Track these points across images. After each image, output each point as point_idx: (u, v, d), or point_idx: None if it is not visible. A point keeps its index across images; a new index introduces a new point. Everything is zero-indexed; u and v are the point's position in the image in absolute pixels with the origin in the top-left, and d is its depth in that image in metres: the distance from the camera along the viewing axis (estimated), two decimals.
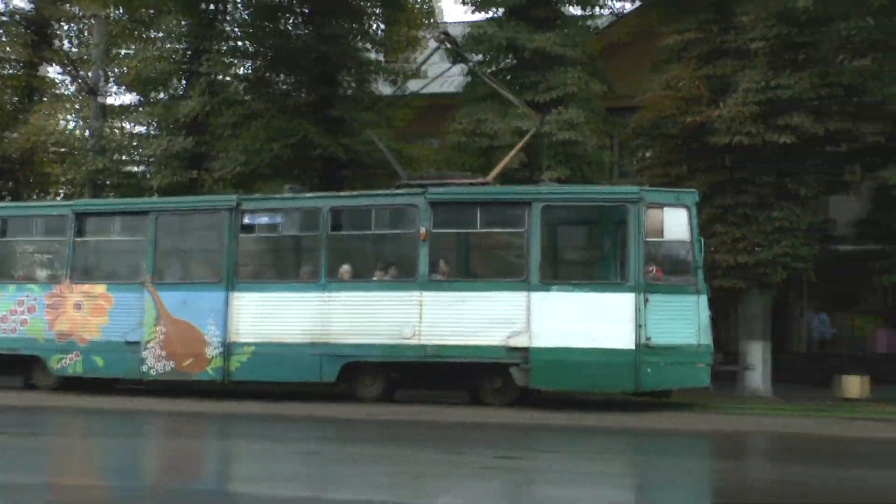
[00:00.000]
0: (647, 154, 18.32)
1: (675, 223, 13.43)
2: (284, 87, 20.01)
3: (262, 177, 18.52)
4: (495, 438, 11.09)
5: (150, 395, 15.16)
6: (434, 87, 19.30)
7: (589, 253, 15.83)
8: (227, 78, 20.36)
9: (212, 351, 14.62)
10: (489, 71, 17.56)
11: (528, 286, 13.39)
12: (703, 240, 13.61)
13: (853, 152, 16.48)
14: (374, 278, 14.55)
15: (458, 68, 18.25)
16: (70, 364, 15.30)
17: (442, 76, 18.28)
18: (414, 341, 13.72)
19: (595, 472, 8.70)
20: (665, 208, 13.46)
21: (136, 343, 14.91)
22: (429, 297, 13.78)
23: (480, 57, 17.83)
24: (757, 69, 15.85)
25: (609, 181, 18.83)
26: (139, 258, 15.42)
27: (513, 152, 15.42)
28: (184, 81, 20.24)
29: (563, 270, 15.20)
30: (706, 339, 13.20)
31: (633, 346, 13.01)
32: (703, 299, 13.29)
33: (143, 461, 9.69)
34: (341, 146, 18.06)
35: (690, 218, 13.39)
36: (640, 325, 13.00)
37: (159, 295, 15.03)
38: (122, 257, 16.55)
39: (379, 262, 14.95)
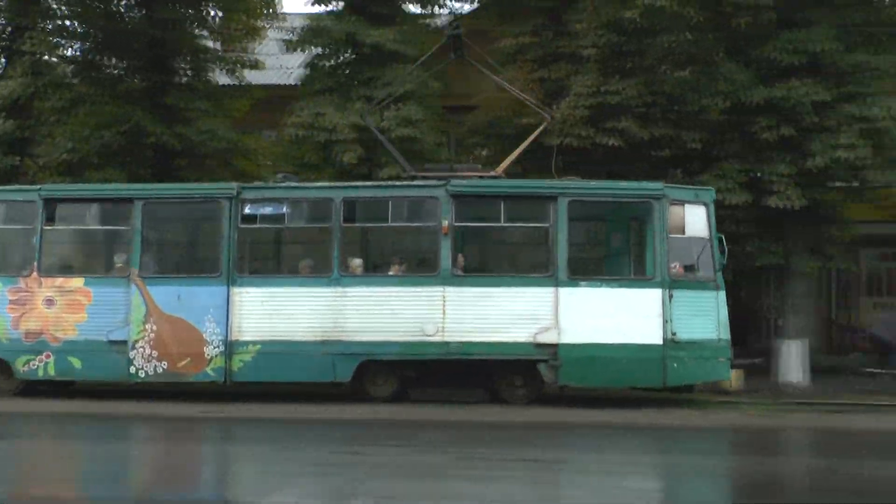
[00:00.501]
0: (484, 153, 18.72)
1: (695, 220, 13.68)
2: (115, 71, 19.24)
3: (92, 165, 17.72)
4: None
5: (135, 398, 13.94)
6: (272, 79, 19.05)
7: (614, 248, 15.46)
8: (54, 59, 19.34)
9: (212, 350, 13.64)
10: (327, 65, 17.52)
11: (555, 281, 13.30)
12: (722, 236, 13.75)
13: (675, 157, 17.39)
14: (390, 272, 14.01)
15: (297, 59, 18.08)
16: (40, 366, 13.82)
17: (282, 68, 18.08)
18: (437, 338, 13.33)
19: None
20: (686, 205, 13.70)
21: (122, 342, 13.71)
22: (452, 292, 13.39)
23: (320, 50, 17.73)
24: (588, 75, 16.49)
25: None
26: (122, 250, 14.25)
27: (520, 148, 15.40)
28: (3, 60, 19.11)
29: (588, 266, 14.98)
30: (725, 333, 13.45)
31: (661, 342, 13.13)
32: (722, 295, 13.55)
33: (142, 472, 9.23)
34: (176, 135, 17.55)
35: (709, 215, 13.68)
36: (666, 321, 13.15)
37: (149, 290, 13.80)
38: (102, 249, 15.32)
39: (396, 255, 14.41)
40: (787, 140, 15.77)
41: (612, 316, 13.19)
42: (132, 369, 13.66)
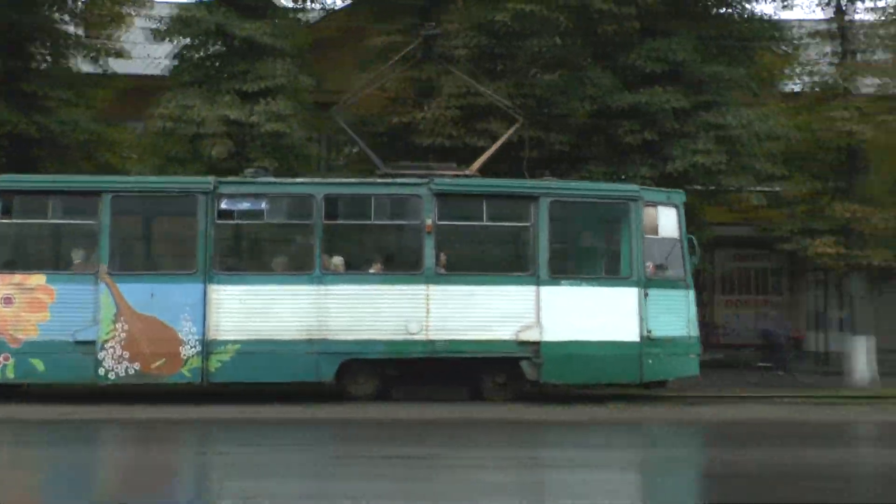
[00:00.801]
0: (355, 150, 18.67)
1: (667, 221, 14.16)
2: None
3: None
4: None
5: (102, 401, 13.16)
6: (139, 69, 18.43)
7: (590, 248, 15.60)
8: None
9: (188, 350, 13.08)
10: (196, 57, 17.10)
11: (537, 280, 13.53)
12: (692, 237, 14.38)
13: (543, 159, 17.75)
14: (371, 270, 13.87)
15: (165, 49, 17.55)
16: None
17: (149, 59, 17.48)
18: (421, 336, 13.34)
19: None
20: (659, 207, 14.15)
21: (90, 343, 12.98)
22: (436, 290, 13.39)
23: (188, 41, 17.27)
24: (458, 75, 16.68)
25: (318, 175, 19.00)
26: (86, 245, 13.39)
27: (495, 146, 15.49)
28: None
29: (567, 265, 14.77)
30: (695, 330, 14.15)
31: (638, 339, 13.59)
32: (692, 294, 14.21)
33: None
34: (33, 124, 16.75)
35: (679, 216, 14.22)
36: (642, 319, 13.59)
37: (119, 288, 13.08)
38: (65, 244, 14.21)
39: (377, 253, 14.28)
40: (650, 144, 16.41)
41: (591, 314, 13.56)
42: (101, 371, 13.02)
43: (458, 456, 9.67)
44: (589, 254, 15.51)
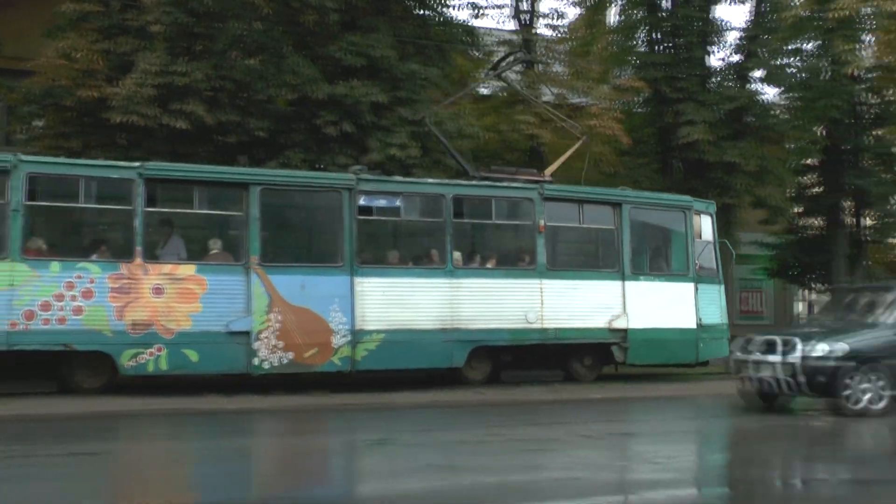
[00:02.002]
0: (39, 123, 17.42)
1: (706, 227, 16.88)
2: None
3: None
4: None
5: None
6: None
7: (659, 248, 17.23)
8: None
9: (338, 340, 13.61)
10: None
11: (622, 276, 15.72)
12: (726, 241, 17.32)
13: (242, 144, 17.61)
14: (488, 266, 15.10)
15: None
16: (151, 360, 12.60)
17: None
18: (537, 325, 14.89)
19: None
20: (701, 215, 16.84)
21: (244, 333, 13.04)
22: (548, 284, 14.99)
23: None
24: (156, 52, 16.10)
25: None
26: (230, 236, 13.62)
27: (566, 154, 17.47)
28: None
29: (643, 263, 16.61)
30: (725, 318, 17.00)
31: (695, 326, 16.27)
32: (723, 288, 17.15)
33: None
34: None
35: (713, 223, 17.13)
36: (697, 309, 16.30)
37: (271, 279, 13.21)
38: (210, 234, 13.86)
39: (496, 250, 15.65)
40: (348, 135, 16.79)
41: (662, 305, 15.96)
42: (255, 361, 13.15)
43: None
44: (657, 253, 17.33)
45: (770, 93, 25.66)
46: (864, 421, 11.50)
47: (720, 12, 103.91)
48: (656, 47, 22.93)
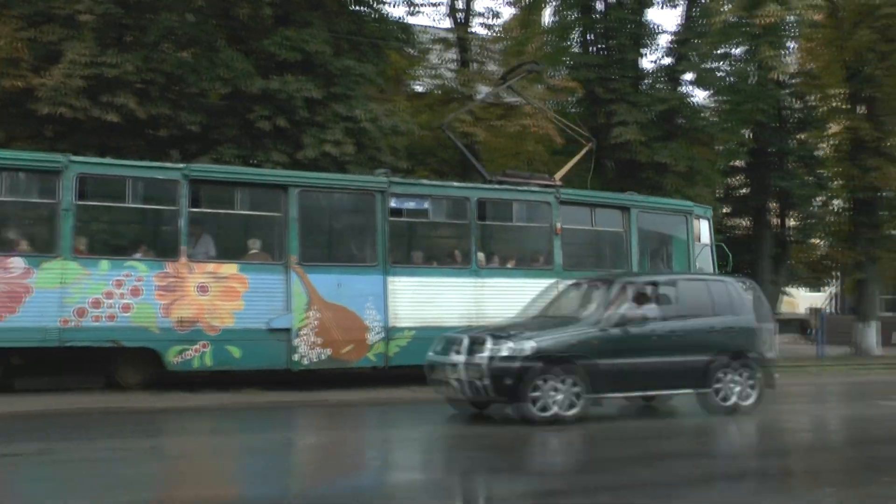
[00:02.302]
0: None
1: (704, 230, 17.72)
2: None
3: None
4: None
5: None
6: None
7: (661, 249, 18.01)
8: None
9: (373, 336, 14.11)
10: None
11: None
12: (722, 244, 18.13)
13: (173, 138, 17.37)
14: (508, 266, 15.70)
15: None
16: (196, 356, 12.93)
17: None
18: None
19: None
20: (700, 219, 17.68)
21: (285, 330, 13.44)
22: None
23: None
24: (85, 42, 15.77)
25: None
26: (269, 236, 13.93)
27: (574, 160, 18.35)
28: None
29: (647, 263, 17.37)
30: None
31: None
32: None
33: None
34: None
35: (710, 227, 17.99)
36: None
37: (309, 277, 13.63)
38: (250, 234, 14.18)
39: (515, 250, 16.15)
40: (282, 131, 16.67)
41: None
42: (295, 357, 13.51)
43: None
44: (661, 255, 18.16)
45: (700, 95, 26.34)
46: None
47: (652, 15, 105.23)
48: (590, 48, 23.29)
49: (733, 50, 23.68)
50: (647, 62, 26.05)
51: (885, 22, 22.72)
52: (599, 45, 23.19)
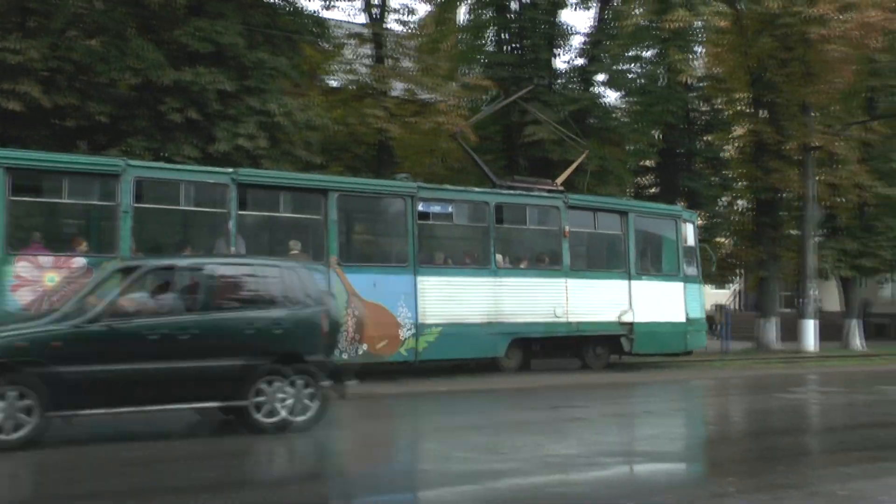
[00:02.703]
0: None
1: (690, 233, 19.18)
2: None
3: None
4: None
5: None
6: None
7: (655, 252, 19.30)
8: None
9: (405, 332, 15.03)
10: None
11: (629, 276, 17.88)
12: (707, 245, 20.16)
13: (81, 129, 16.87)
14: (522, 266, 16.94)
15: None
16: None
17: None
18: (563, 319, 16.85)
19: None
20: (686, 223, 19.17)
21: None
22: (571, 283, 16.89)
23: None
24: None
25: None
26: (307, 237, 14.71)
27: (573, 166, 19.90)
28: None
29: (643, 265, 18.66)
30: (703, 313, 19.47)
31: (684, 320, 18.62)
32: (702, 287, 19.61)
33: None
34: None
35: (695, 230, 19.44)
36: (685, 305, 18.64)
37: (347, 277, 14.46)
38: (291, 235, 14.79)
39: (527, 252, 17.33)
40: (194, 123, 16.37)
41: (659, 302, 18.21)
42: (337, 352, 13.46)
43: None
44: (654, 256, 19.39)
45: (612, 96, 26.83)
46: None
47: (566, 17, 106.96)
48: (504, 47, 23.53)
49: (644, 53, 24.30)
50: (560, 62, 26.43)
51: (784, 31, 23.58)
52: (514, 45, 23.47)
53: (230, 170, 14.21)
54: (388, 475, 8.38)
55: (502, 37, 23.58)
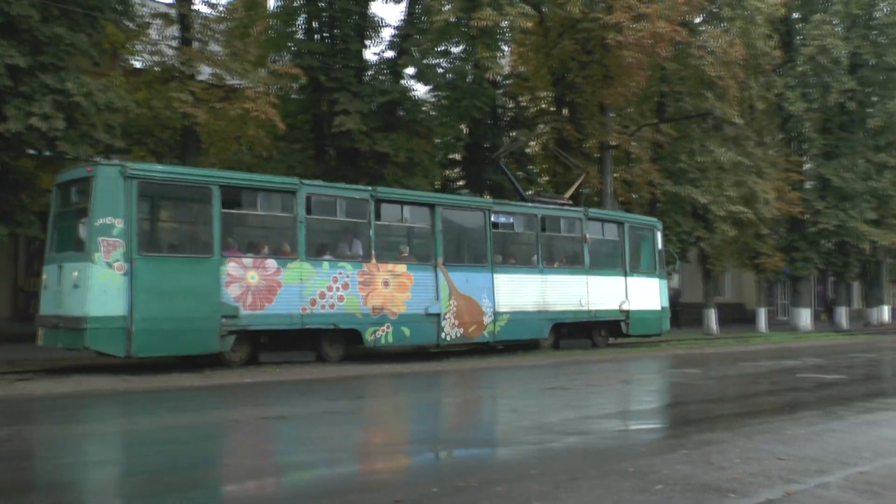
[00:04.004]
0: None
1: (659, 238, 24.20)
2: None
3: None
4: None
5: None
6: None
7: (639, 253, 23.84)
8: None
9: (487, 319, 19.12)
10: None
11: (624, 273, 22.78)
12: (670, 248, 26.08)
13: None
14: (556, 265, 21.14)
15: None
16: (383, 335, 17.30)
17: None
18: (586, 308, 21.53)
19: None
20: (656, 230, 24.20)
21: (437, 315, 18.14)
22: (590, 279, 21.65)
23: None
24: None
25: None
26: (424, 243, 18.52)
27: (575, 185, 25.41)
28: None
29: (634, 264, 23.29)
30: (667, 303, 24.12)
31: (660, 308, 23.70)
32: (666, 282, 24.58)
33: None
34: None
35: (661, 235, 24.42)
36: (660, 297, 23.75)
37: (449, 275, 18.40)
38: (404, 242, 18.75)
39: (558, 254, 21.62)
40: None
41: (644, 294, 23.21)
42: (443, 335, 18.24)
43: None
44: (639, 258, 23.83)
45: (421, 90, 27.33)
46: None
47: (376, 9, 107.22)
48: (315, 36, 23.44)
49: (453, 48, 24.86)
50: (370, 54, 26.70)
51: (584, 35, 24.86)
52: (324, 34, 23.42)
53: (370, 188, 17.70)
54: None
55: (313, 25, 23.46)
